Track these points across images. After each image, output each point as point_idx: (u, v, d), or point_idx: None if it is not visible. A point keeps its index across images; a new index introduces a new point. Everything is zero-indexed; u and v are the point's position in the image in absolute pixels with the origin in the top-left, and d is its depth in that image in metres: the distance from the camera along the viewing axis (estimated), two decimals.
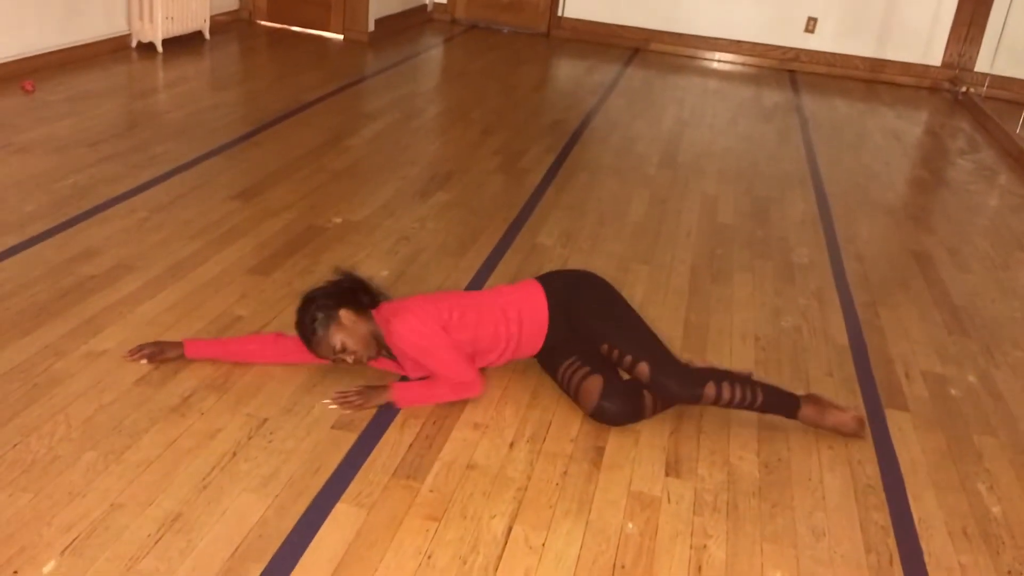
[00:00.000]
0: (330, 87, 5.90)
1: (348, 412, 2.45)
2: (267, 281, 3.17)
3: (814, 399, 2.57)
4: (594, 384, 2.48)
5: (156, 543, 1.94)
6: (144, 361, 2.55)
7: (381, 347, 2.54)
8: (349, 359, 2.48)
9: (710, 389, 2.45)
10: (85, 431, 2.27)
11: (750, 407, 2.51)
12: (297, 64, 6.46)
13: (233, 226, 3.59)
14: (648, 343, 2.53)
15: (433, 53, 7.55)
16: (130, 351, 2.58)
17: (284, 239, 3.53)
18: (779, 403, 2.53)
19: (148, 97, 5.28)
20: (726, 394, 2.45)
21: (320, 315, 2.45)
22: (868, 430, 2.61)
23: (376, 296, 2.58)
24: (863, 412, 2.69)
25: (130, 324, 2.78)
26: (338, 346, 2.46)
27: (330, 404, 2.48)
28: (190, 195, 3.85)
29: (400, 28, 7.96)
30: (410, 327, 2.44)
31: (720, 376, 2.49)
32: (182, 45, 6.35)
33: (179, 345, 2.57)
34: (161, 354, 2.56)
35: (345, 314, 2.46)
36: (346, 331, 2.45)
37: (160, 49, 6.13)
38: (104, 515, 2.00)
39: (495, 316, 2.54)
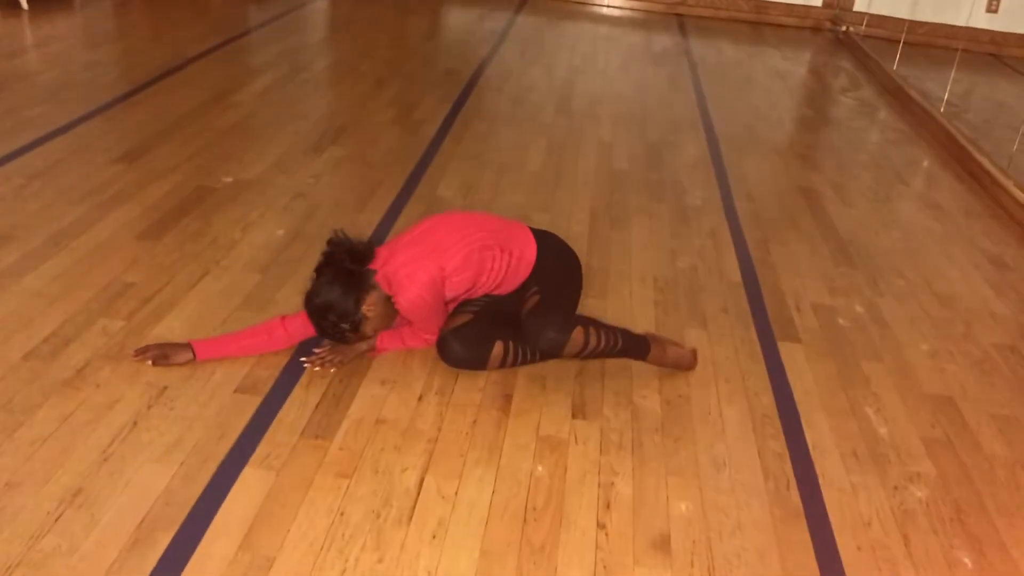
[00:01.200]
0: (212, 42, 5.68)
1: (332, 371, 2.46)
2: (158, 246, 3.06)
3: (655, 338, 2.63)
4: (458, 320, 2.54)
5: (57, 520, 1.88)
6: (149, 363, 2.40)
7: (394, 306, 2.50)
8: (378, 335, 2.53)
9: (578, 335, 2.44)
10: None
11: (611, 352, 2.53)
12: (176, 19, 6.20)
13: (118, 190, 3.45)
14: (561, 299, 2.54)
15: (318, 4, 7.34)
16: (135, 351, 2.43)
17: (173, 201, 3.41)
18: (635, 346, 2.57)
19: (16, 57, 4.99)
20: (592, 340, 2.47)
21: (347, 325, 2.38)
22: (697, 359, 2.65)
23: (365, 251, 2.45)
24: (696, 347, 2.72)
25: (14, 297, 2.66)
26: (371, 334, 2.48)
27: (305, 363, 2.47)
28: (69, 159, 3.68)
29: None
30: (418, 299, 2.42)
31: (587, 323, 2.50)
32: (50, 1, 6.00)
33: (187, 348, 2.42)
34: (166, 358, 2.39)
35: (367, 308, 2.40)
36: (374, 321, 2.43)
37: (25, 6, 5.78)
38: None
39: (493, 252, 2.51)
